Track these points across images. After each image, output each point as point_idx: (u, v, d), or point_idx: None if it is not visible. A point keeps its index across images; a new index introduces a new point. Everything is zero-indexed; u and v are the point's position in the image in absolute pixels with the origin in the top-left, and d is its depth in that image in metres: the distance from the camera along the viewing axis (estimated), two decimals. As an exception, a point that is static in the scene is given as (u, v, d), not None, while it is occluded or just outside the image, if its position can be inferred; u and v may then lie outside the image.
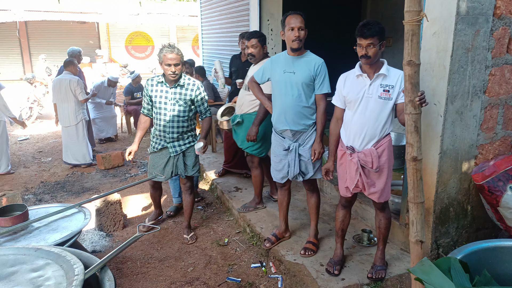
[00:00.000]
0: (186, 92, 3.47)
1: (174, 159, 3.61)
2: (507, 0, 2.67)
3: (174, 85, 3.44)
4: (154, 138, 3.63)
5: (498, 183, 2.73)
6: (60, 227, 2.93)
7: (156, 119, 3.53)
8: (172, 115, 3.46)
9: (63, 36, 17.62)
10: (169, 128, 3.49)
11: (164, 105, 3.45)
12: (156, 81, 3.50)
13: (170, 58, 3.29)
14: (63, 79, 6.05)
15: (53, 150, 7.48)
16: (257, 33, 3.84)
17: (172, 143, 3.56)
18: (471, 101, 2.77)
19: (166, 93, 3.45)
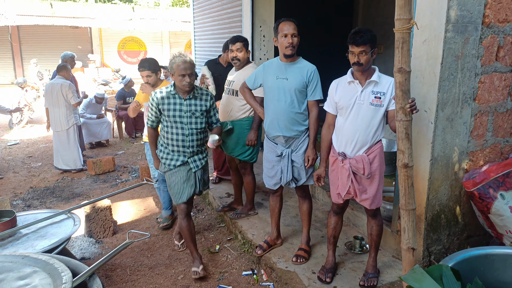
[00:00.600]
0: (202, 103, 3.20)
1: (197, 174, 3.28)
2: (495, 9, 2.70)
3: (188, 97, 3.14)
4: (169, 155, 3.23)
5: (489, 190, 2.75)
6: (49, 233, 2.89)
7: (170, 134, 3.17)
8: (190, 128, 3.16)
9: (55, 40, 17.58)
10: (189, 142, 3.18)
11: (179, 119, 3.13)
12: (166, 93, 3.16)
13: (184, 68, 3.01)
14: (55, 84, 6.03)
15: (43, 155, 7.40)
16: (241, 37, 3.79)
17: (193, 158, 3.24)
18: (461, 108, 2.79)
19: (181, 105, 3.13)
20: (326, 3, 6.60)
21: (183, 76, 3.04)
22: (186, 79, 3.04)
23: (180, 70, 3.02)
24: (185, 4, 24.36)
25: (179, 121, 3.13)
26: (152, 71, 3.86)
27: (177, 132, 3.16)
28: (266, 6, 5.39)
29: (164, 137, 3.23)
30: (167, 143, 3.22)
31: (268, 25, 5.36)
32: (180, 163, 3.21)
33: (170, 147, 3.22)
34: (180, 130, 3.15)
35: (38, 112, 10.57)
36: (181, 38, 20.27)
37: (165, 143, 3.24)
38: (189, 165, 3.24)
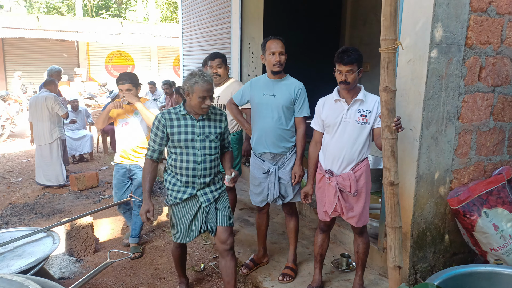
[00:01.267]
0: (216, 124, 2.79)
1: (205, 210, 2.80)
2: (477, 31, 2.78)
3: (201, 117, 2.74)
4: (175, 186, 2.78)
5: (473, 207, 2.77)
6: (26, 252, 2.78)
7: (180, 162, 2.72)
8: (203, 154, 2.72)
9: (41, 54, 17.41)
10: (200, 171, 2.72)
11: (191, 143, 2.69)
12: (175, 114, 2.73)
13: (206, 90, 2.61)
14: (39, 97, 5.95)
15: (24, 170, 7.23)
16: (219, 53, 3.83)
17: (203, 190, 2.78)
18: (446, 126, 2.83)
19: (193, 127, 2.71)
20: (314, 21, 6.72)
21: (204, 99, 2.61)
22: (207, 102, 2.63)
23: (201, 91, 2.59)
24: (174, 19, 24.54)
25: (191, 146, 2.70)
26: (134, 85, 3.70)
27: (187, 159, 2.70)
28: (255, 24, 5.45)
29: (172, 165, 2.78)
30: (176, 172, 2.77)
31: (256, 42, 5.41)
32: (188, 196, 2.76)
33: (179, 177, 2.75)
34: (191, 156, 2.70)
35: (20, 125, 10.38)
36: (170, 53, 20.32)
37: (173, 172, 2.79)
38: (198, 198, 2.78)
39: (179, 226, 2.83)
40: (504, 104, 3.04)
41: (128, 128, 3.81)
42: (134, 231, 4.01)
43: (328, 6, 6.95)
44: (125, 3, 26.72)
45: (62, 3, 25.55)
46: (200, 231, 2.84)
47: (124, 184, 3.91)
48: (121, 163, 3.88)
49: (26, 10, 24.14)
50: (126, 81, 3.64)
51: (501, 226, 2.74)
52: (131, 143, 3.81)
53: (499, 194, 2.81)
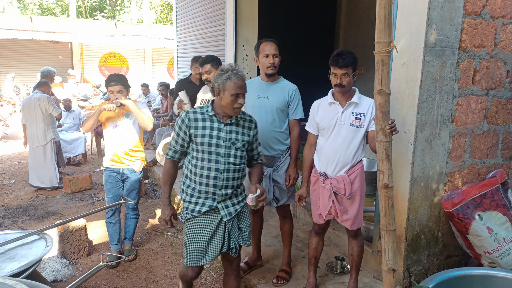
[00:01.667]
0: (244, 130, 2.48)
1: (227, 225, 2.48)
2: (471, 34, 2.79)
3: (229, 121, 2.43)
4: (192, 197, 2.47)
5: (467, 210, 2.78)
6: (18, 255, 2.75)
7: (200, 169, 2.42)
8: (226, 162, 2.41)
9: (34, 55, 17.30)
10: (222, 181, 2.41)
11: (216, 148, 2.39)
12: (201, 113, 2.45)
13: (240, 86, 2.33)
14: (32, 98, 5.91)
15: (17, 172, 7.18)
16: (209, 58, 3.74)
17: (224, 202, 2.47)
18: (440, 129, 2.84)
19: (219, 131, 2.40)
20: (308, 24, 6.73)
21: (237, 97, 2.33)
22: (241, 101, 2.35)
23: (235, 88, 2.31)
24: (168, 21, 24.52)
25: (215, 152, 2.39)
26: (125, 87, 3.58)
27: (209, 167, 2.40)
28: (250, 26, 5.45)
29: (192, 172, 2.46)
30: (195, 180, 2.45)
31: (251, 44, 5.41)
32: (207, 208, 2.44)
33: (198, 186, 2.44)
34: (213, 164, 2.40)
35: (13, 127, 10.30)
36: (164, 55, 20.28)
37: (192, 180, 2.47)
38: (219, 212, 2.46)
39: (195, 244, 2.45)
40: (498, 107, 3.05)
41: (120, 130, 3.68)
42: (128, 233, 3.94)
43: (322, 8, 6.97)
44: (119, 4, 26.66)
45: (55, 4, 25.44)
46: (221, 250, 2.47)
47: (118, 188, 3.80)
48: (112, 167, 3.75)
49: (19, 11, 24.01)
50: (118, 83, 3.52)
51: (495, 229, 2.75)
52: (123, 147, 3.69)
53: (493, 197, 2.82)
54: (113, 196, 3.77)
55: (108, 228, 3.87)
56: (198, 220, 2.47)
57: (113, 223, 3.85)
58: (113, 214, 3.85)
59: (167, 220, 2.53)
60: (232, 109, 2.36)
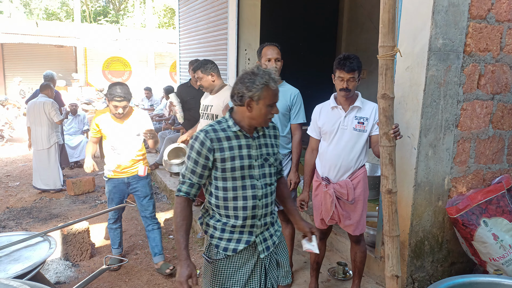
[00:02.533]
0: (271, 141, 2.05)
1: (264, 261, 2.03)
2: (476, 38, 2.76)
3: (256, 133, 1.98)
4: (224, 233, 1.96)
5: (472, 216, 2.74)
6: (23, 257, 2.77)
7: (231, 200, 1.92)
8: (263, 184, 1.96)
9: (39, 59, 17.44)
10: (262, 209, 1.96)
11: (249, 171, 1.92)
12: (222, 130, 1.91)
13: (276, 94, 1.90)
14: (37, 102, 5.97)
15: (21, 174, 7.22)
16: (199, 63, 3.67)
17: (262, 235, 2.01)
18: (444, 134, 2.81)
19: (249, 149, 1.93)
20: (311, 28, 6.73)
21: (271, 107, 1.90)
22: (275, 110, 1.93)
23: (274, 96, 1.88)
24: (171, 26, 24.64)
25: (249, 175, 1.92)
26: (129, 101, 3.35)
27: (245, 195, 1.92)
28: (252, 30, 5.45)
29: (219, 207, 1.95)
30: (227, 214, 1.95)
31: (253, 48, 5.41)
32: (244, 245, 1.96)
33: (231, 221, 1.94)
34: (250, 191, 1.92)
35: (18, 130, 10.37)
36: (166, 59, 20.37)
37: (222, 215, 1.96)
38: (257, 248, 1.99)
39: None
40: (504, 112, 3.02)
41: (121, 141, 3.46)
42: (157, 247, 3.66)
43: (325, 12, 6.97)
44: (123, 9, 26.85)
45: (60, 9, 25.66)
46: None
47: (120, 198, 3.63)
48: (116, 177, 3.54)
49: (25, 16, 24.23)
50: (124, 99, 3.27)
51: (501, 236, 2.71)
52: (127, 156, 3.49)
53: (498, 203, 2.78)
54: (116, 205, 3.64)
55: (110, 232, 3.79)
56: (232, 260, 1.96)
57: (115, 228, 3.78)
58: (115, 220, 3.75)
59: (183, 282, 1.82)
60: (265, 121, 1.91)
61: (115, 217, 3.76)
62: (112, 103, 3.29)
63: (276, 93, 1.89)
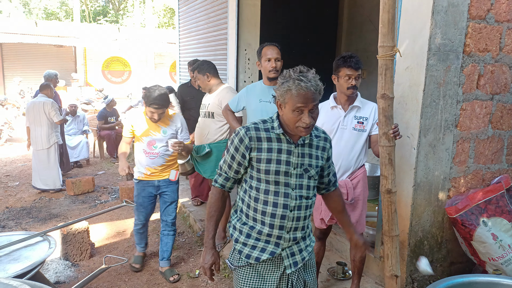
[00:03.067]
0: (318, 152, 1.89)
1: (291, 278, 1.90)
2: (475, 38, 2.77)
3: (301, 141, 1.84)
4: (249, 239, 1.88)
5: (471, 216, 2.75)
6: (22, 256, 2.78)
7: (261, 203, 1.84)
8: (298, 195, 1.83)
9: (39, 59, 17.45)
10: (292, 222, 1.84)
11: (284, 178, 1.81)
12: (265, 130, 1.83)
13: (305, 98, 1.69)
14: (37, 102, 5.97)
15: (21, 174, 7.21)
16: (197, 64, 3.77)
17: (290, 249, 1.88)
18: (444, 134, 2.82)
19: (288, 155, 1.81)
20: (311, 28, 6.73)
21: (301, 112, 1.71)
22: (306, 119, 1.70)
23: (297, 101, 1.69)
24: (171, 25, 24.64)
25: (284, 182, 1.81)
26: (166, 107, 3.29)
27: (276, 202, 1.81)
28: (252, 30, 5.45)
29: (250, 207, 1.88)
30: (254, 217, 1.87)
31: (253, 48, 5.41)
32: (268, 256, 1.85)
33: (258, 226, 1.86)
34: (281, 198, 1.81)
35: (18, 130, 10.37)
36: (166, 59, 20.37)
37: (250, 217, 1.88)
38: (283, 261, 1.88)
39: None
40: (503, 112, 3.02)
41: (156, 147, 3.39)
42: (166, 252, 3.62)
43: (325, 13, 6.97)
44: (123, 9, 26.84)
45: (60, 9, 25.65)
46: None
47: (151, 202, 3.55)
48: (146, 180, 3.46)
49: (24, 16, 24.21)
50: (161, 107, 3.21)
51: (500, 236, 2.71)
52: (159, 162, 3.42)
53: (498, 203, 2.79)
54: (145, 210, 3.55)
55: (136, 235, 3.73)
56: (255, 269, 1.88)
57: (142, 232, 3.70)
58: (142, 226, 3.66)
59: (207, 268, 1.91)
60: (294, 128, 1.74)
61: (143, 222, 3.64)
62: (149, 108, 3.21)
63: (303, 97, 1.67)
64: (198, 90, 4.69)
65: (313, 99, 1.70)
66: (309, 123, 1.71)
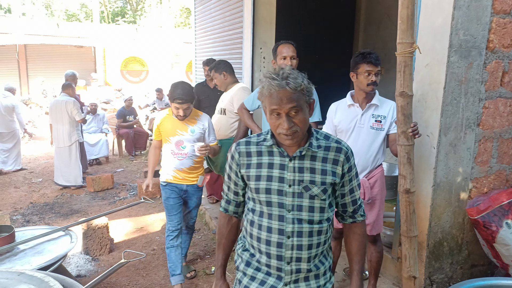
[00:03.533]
0: (325, 166, 1.55)
1: None
2: (500, 34, 2.69)
3: (298, 152, 1.53)
4: (249, 267, 1.64)
5: (494, 218, 2.67)
6: (46, 250, 2.90)
7: (256, 227, 1.59)
8: (296, 219, 1.53)
9: (60, 59, 17.87)
10: (291, 251, 1.53)
11: (278, 197, 1.53)
12: (256, 145, 1.60)
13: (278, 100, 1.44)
14: (59, 101, 6.14)
15: (44, 171, 7.45)
16: (214, 63, 3.89)
17: (296, 284, 1.57)
18: (465, 133, 2.75)
19: (282, 170, 1.54)
20: (327, 25, 6.66)
21: (278, 116, 1.46)
22: (283, 124, 1.44)
23: (270, 103, 1.45)
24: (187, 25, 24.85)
25: (277, 202, 1.54)
26: (191, 102, 3.11)
27: (270, 226, 1.55)
28: (267, 28, 5.44)
29: (247, 231, 1.64)
30: (251, 244, 1.63)
31: (268, 47, 5.39)
32: None
33: (257, 254, 1.61)
34: (275, 222, 1.54)
35: (41, 129, 10.65)
36: (183, 59, 20.53)
37: (249, 243, 1.64)
38: None
39: None
40: (527, 111, 2.93)
41: (184, 147, 3.22)
42: (184, 249, 3.55)
43: (342, 9, 6.89)
44: (140, 9, 27.20)
45: (80, 10, 26.17)
46: None
47: (180, 204, 3.30)
48: (174, 183, 3.25)
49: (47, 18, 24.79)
50: (185, 101, 3.04)
51: (523, 238, 2.63)
52: (187, 164, 3.23)
53: (521, 204, 2.70)
54: (178, 213, 3.28)
55: (170, 253, 3.22)
56: None
57: (176, 246, 3.25)
58: (177, 235, 3.27)
59: None
60: (277, 135, 1.50)
61: (177, 227, 3.26)
62: (173, 104, 3.08)
63: (276, 97, 1.42)
64: (213, 89, 4.77)
65: (290, 100, 1.42)
66: (288, 129, 1.43)
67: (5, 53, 16.57)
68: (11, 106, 7.12)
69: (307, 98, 1.47)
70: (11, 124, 7.20)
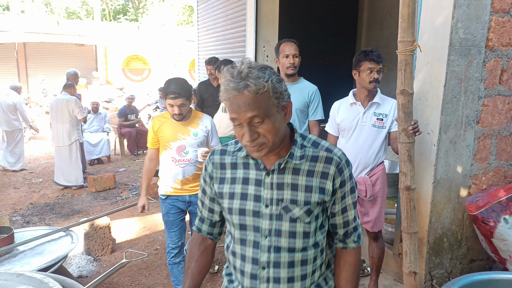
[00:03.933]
0: (311, 181, 1.27)
1: None
2: (499, 32, 2.72)
3: (276, 165, 1.27)
4: None
5: (492, 213, 2.71)
6: (46, 251, 2.87)
7: (230, 254, 1.39)
8: (274, 246, 1.28)
9: (61, 57, 17.79)
10: (266, 284, 1.29)
11: (253, 219, 1.29)
12: (231, 155, 1.35)
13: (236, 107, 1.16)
14: (60, 99, 6.10)
15: (44, 171, 7.40)
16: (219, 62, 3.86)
17: None
18: (465, 131, 2.78)
19: (257, 186, 1.29)
20: (330, 24, 6.68)
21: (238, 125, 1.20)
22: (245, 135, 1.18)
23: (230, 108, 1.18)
24: (189, 23, 24.81)
25: (251, 225, 1.30)
26: (187, 98, 2.74)
27: (243, 254, 1.32)
28: (270, 27, 5.46)
29: (228, 249, 1.40)
30: (231, 268, 1.41)
31: (271, 45, 5.41)
32: None
33: (235, 282, 1.39)
34: (250, 249, 1.31)
35: (41, 128, 10.64)
36: (185, 57, 20.52)
37: (229, 261, 1.40)
38: None
39: None
40: (526, 108, 2.96)
41: (187, 153, 2.86)
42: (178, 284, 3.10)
43: (344, 8, 6.91)
44: (142, 7, 27.14)
45: (81, 8, 26.11)
46: None
47: (181, 219, 2.95)
48: (176, 195, 2.88)
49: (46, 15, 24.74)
50: (179, 96, 2.68)
51: (522, 233, 2.66)
52: (191, 171, 2.87)
53: (520, 200, 2.74)
54: (178, 229, 2.93)
55: (173, 269, 2.97)
56: None
57: (178, 262, 2.96)
58: (178, 251, 2.95)
59: None
60: (244, 145, 1.23)
61: (177, 244, 2.94)
62: (167, 101, 2.74)
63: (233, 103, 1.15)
64: (216, 87, 4.77)
65: (249, 107, 1.13)
66: (251, 141, 1.18)
67: (4, 51, 16.46)
68: (12, 104, 7.13)
69: (275, 101, 1.17)
70: (14, 122, 7.21)
